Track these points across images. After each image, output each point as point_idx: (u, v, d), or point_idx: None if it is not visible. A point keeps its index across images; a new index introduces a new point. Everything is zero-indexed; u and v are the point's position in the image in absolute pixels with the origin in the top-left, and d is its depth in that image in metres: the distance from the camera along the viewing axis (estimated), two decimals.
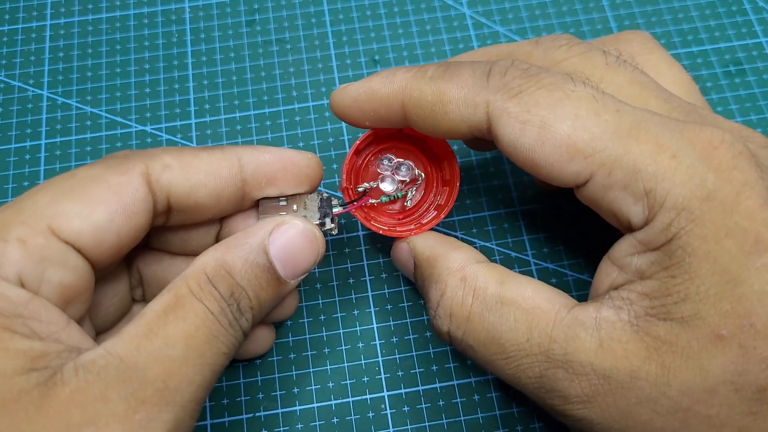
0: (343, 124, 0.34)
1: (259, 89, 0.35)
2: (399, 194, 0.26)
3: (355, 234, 0.31)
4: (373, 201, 0.26)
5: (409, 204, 0.26)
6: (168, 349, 0.19)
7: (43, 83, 0.36)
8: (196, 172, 0.22)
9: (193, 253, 0.24)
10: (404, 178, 0.26)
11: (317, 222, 0.24)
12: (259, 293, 0.22)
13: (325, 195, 0.25)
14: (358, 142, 0.26)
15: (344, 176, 0.26)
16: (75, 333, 0.19)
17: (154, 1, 0.38)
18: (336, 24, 0.37)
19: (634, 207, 0.19)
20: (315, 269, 0.30)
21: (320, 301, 0.30)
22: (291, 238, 0.22)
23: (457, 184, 0.26)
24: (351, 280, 0.30)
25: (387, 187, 0.26)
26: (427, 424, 0.27)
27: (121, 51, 0.37)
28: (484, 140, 0.23)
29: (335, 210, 0.25)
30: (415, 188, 0.26)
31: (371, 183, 0.26)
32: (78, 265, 0.20)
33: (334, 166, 0.33)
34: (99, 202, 0.20)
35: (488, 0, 0.38)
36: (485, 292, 0.22)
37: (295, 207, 0.24)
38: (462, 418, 0.27)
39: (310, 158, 0.24)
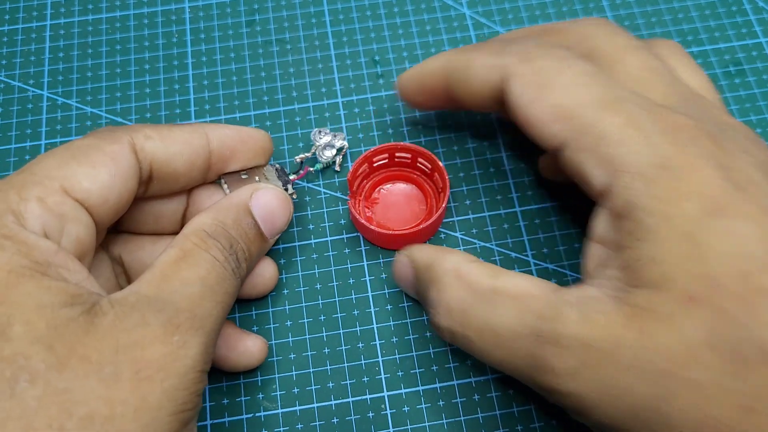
0: (344, 126, 0.34)
1: (259, 89, 0.35)
2: (331, 161, 0.31)
3: (355, 234, 0.31)
4: (312, 169, 0.31)
5: (338, 169, 0.31)
6: (187, 288, 0.21)
7: (43, 83, 0.36)
8: (173, 142, 0.25)
9: (164, 231, 0.28)
10: (339, 145, 0.31)
11: (282, 189, 0.28)
12: (249, 247, 0.25)
13: (278, 166, 0.29)
14: (361, 157, 0.30)
15: (349, 176, 0.30)
16: (96, 283, 0.21)
17: (154, 1, 0.38)
18: (336, 24, 0.37)
19: (597, 170, 0.21)
20: (315, 270, 0.30)
21: (320, 301, 0.30)
22: (269, 200, 0.26)
23: (448, 188, 0.29)
24: (351, 280, 0.30)
25: (327, 153, 0.31)
26: (427, 424, 0.27)
27: (121, 51, 0.37)
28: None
29: (291, 177, 0.30)
30: (340, 154, 0.32)
31: (305, 154, 0.31)
32: (89, 223, 0.22)
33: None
34: (101, 166, 0.23)
35: (488, 0, 0.38)
36: (479, 285, 0.23)
37: (257, 178, 0.28)
38: (462, 418, 0.27)
39: (263, 133, 0.28)
